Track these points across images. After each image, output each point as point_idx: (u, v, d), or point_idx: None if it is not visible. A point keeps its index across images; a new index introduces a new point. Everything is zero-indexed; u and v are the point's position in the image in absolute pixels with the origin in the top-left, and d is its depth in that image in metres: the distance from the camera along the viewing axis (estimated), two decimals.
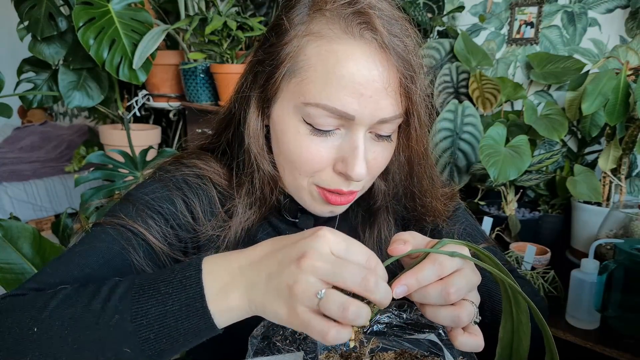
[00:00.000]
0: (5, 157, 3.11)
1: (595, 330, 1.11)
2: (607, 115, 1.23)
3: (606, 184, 1.34)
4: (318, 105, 0.56)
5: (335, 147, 0.59)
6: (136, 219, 0.63)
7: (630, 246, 1.03)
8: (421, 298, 0.48)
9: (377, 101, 0.56)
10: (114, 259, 0.60)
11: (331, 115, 0.56)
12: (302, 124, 0.59)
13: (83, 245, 0.61)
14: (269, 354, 0.56)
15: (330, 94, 0.55)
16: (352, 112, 0.56)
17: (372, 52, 0.55)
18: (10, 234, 1.23)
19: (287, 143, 0.61)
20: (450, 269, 0.48)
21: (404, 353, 0.55)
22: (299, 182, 0.63)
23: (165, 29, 1.70)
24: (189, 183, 0.69)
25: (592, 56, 1.52)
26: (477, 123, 1.53)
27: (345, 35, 0.56)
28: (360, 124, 0.57)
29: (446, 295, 0.47)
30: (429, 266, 0.47)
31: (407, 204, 0.74)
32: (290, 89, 0.59)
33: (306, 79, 0.57)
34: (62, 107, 4.00)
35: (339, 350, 0.56)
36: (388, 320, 0.59)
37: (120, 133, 1.93)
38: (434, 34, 1.79)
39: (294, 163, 0.61)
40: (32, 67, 1.79)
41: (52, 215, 3.08)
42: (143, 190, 0.67)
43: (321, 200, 0.63)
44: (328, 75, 0.56)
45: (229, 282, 0.48)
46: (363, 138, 0.58)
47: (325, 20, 0.57)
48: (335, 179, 0.61)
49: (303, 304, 0.43)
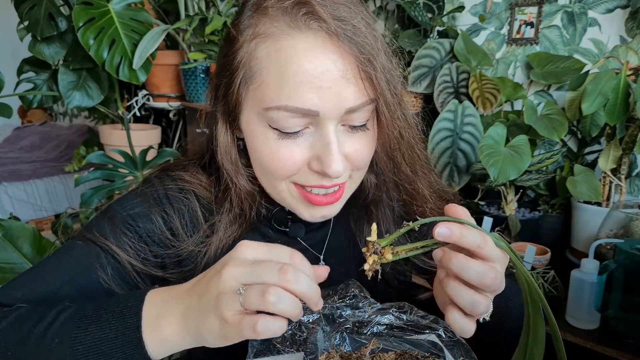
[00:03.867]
0: (5, 157, 3.10)
1: (595, 330, 1.11)
2: (607, 115, 1.23)
3: (606, 184, 1.34)
4: (279, 108, 0.54)
5: (308, 147, 0.57)
6: (109, 235, 0.63)
7: (630, 246, 1.03)
8: (457, 267, 0.46)
9: (339, 91, 0.53)
10: (80, 276, 0.60)
11: (295, 115, 0.54)
12: (268, 129, 0.57)
13: (53, 259, 0.62)
14: (269, 355, 0.56)
15: (288, 93, 0.53)
16: (314, 107, 0.53)
17: (321, 42, 0.53)
18: (10, 234, 1.23)
19: (258, 151, 0.59)
20: (491, 253, 0.47)
21: (405, 354, 0.55)
22: (277, 187, 0.61)
23: (165, 29, 1.70)
24: (170, 198, 0.67)
25: (592, 56, 1.52)
26: (477, 123, 1.53)
27: (291, 30, 0.53)
28: (328, 118, 0.54)
29: (485, 278, 0.45)
30: (474, 230, 0.47)
31: (395, 194, 0.71)
32: (250, 97, 0.57)
33: (262, 83, 0.55)
34: (62, 107, 4.00)
35: (339, 352, 0.56)
36: (388, 321, 0.59)
37: (120, 133, 1.93)
38: (434, 34, 1.79)
39: (268, 169, 0.59)
40: (32, 67, 1.79)
41: (52, 215, 3.07)
42: (122, 205, 0.67)
43: (303, 202, 0.61)
44: (282, 75, 0.53)
45: (165, 310, 0.49)
46: (334, 132, 0.55)
47: (269, 19, 0.55)
48: (314, 177, 0.58)
49: (229, 308, 0.44)
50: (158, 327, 0.48)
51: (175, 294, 0.50)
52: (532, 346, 0.48)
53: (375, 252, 0.49)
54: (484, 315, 0.48)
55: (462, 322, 0.48)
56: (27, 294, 0.58)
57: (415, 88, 1.71)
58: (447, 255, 0.47)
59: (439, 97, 1.66)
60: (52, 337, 0.50)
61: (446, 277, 0.48)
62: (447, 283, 0.48)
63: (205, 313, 0.46)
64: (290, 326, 0.58)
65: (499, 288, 0.48)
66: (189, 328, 0.48)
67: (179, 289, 0.50)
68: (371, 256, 0.49)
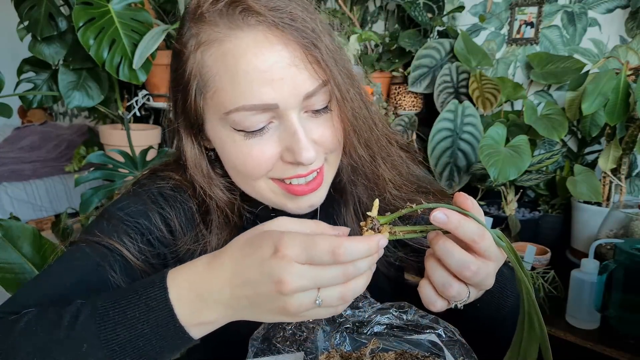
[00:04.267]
0: (5, 157, 3.10)
1: (595, 330, 1.11)
2: (607, 115, 1.23)
3: (606, 184, 1.34)
4: (238, 109, 0.54)
5: (276, 141, 0.57)
6: (111, 235, 0.62)
7: (630, 246, 1.03)
8: (442, 249, 0.48)
9: (292, 80, 0.54)
10: (89, 276, 0.59)
11: (255, 113, 0.55)
12: (234, 132, 0.57)
13: (58, 265, 0.61)
14: (269, 355, 0.56)
15: (244, 93, 0.54)
16: (272, 100, 0.54)
17: (263, 36, 0.53)
18: (10, 234, 1.23)
19: (230, 156, 0.59)
20: (486, 249, 0.47)
21: (405, 353, 0.55)
22: (257, 187, 0.61)
23: (165, 29, 1.69)
24: (165, 195, 0.67)
25: (592, 56, 1.52)
26: (477, 123, 1.53)
27: (232, 31, 0.54)
28: (288, 109, 0.55)
29: (464, 269, 0.47)
30: (474, 223, 0.47)
31: (353, 177, 0.68)
32: (208, 105, 0.58)
33: (217, 89, 0.55)
34: (62, 107, 4.00)
35: (339, 351, 0.56)
36: (389, 321, 0.59)
37: (120, 133, 1.93)
38: (434, 34, 1.79)
39: (244, 172, 0.59)
40: (32, 67, 1.79)
41: (52, 215, 3.07)
42: (118, 205, 0.66)
43: (287, 195, 0.61)
44: (233, 77, 0.54)
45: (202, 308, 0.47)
46: (298, 120, 0.56)
47: (208, 25, 0.55)
48: (289, 169, 0.58)
49: (303, 313, 0.44)
50: (197, 316, 0.47)
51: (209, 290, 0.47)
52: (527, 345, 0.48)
53: (373, 229, 0.49)
54: (457, 302, 0.50)
55: (430, 295, 0.50)
56: (38, 299, 0.56)
57: (415, 88, 1.71)
58: (437, 237, 0.48)
59: (439, 97, 1.66)
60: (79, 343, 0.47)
61: (430, 254, 0.50)
62: (427, 259, 0.50)
63: (268, 315, 0.46)
64: (291, 326, 0.58)
65: (482, 284, 0.49)
66: (238, 316, 0.48)
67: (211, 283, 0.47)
68: (368, 231, 0.48)
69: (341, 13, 1.89)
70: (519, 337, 0.49)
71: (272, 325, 0.59)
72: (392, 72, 1.78)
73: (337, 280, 0.43)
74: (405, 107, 1.76)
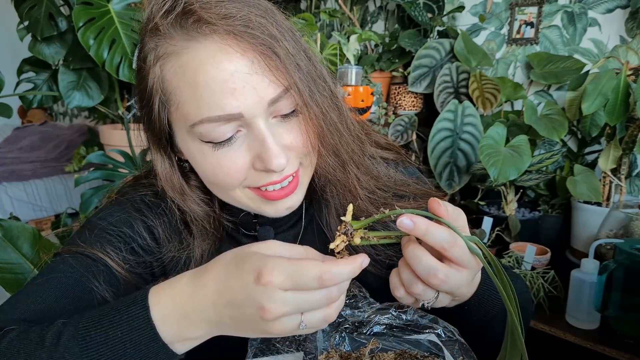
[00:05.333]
0: (5, 157, 3.10)
1: (595, 330, 1.11)
2: (607, 115, 1.23)
3: (606, 184, 1.34)
4: (202, 122, 0.53)
5: (246, 150, 0.56)
6: (95, 245, 0.62)
7: (630, 246, 1.03)
8: (409, 255, 0.48)
9: (253, 88, 0.52)
10: (73, 287, 0.59)
11: (220, 124, 0.53)
12: (202, 144, 0.55)
13: (42, 277, 0.60)
14: (269, 355, 0.56)
15: (206, 105, 0.52)
16: (236, 110, 0.52)
17: (219, 45, 0.52)
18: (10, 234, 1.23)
19: (201, 167, 0.58)
20: (457, 257, 0.47)
21: (404, 353, 0.55)
22: (233, 196, 0.60)
23: None
24: (148, 203, 0.67)
25: (592, 56, 1.52)
26: (477, 123, 1.53)
27: (187, 42, 0.52)
28: (254, 116, 0.53)
29: (431, 276, 0.48)
30: (445, 230, 0.47)
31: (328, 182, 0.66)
32: (174, 118, 0.57)
33: (179, 102, 0.54)
34: (62, 107, 4.00)
35: (339, 351, 0.56)
36: (388, 321, 0.59)
37: (120, 133, 1.93)
38: (434, 34, 1.79)
39: (217, 183, 0.58)
40: (32, 67, 1.79)
41: (52, 215, 3.07)
42: (100, 215, 0.66)
43: (262, 201, 0.60)
44: (194, 89, 0.52)
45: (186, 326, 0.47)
46: (266, 127, 0.54)
47: (164, 38, 0.54)
48: (263, 176, 0.57)
49: (285, 332, 0.45)
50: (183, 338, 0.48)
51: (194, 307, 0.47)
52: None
53: (345, 233, 0.49)
54: (424, 302, 0.50)
55: (395, 283, 0.51)
56: (23, 313, 0.56)
57: (415, 88, 1.71)
58: (408, 242, 0.49)
59: (439, 97, 1.66)
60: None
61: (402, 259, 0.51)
62: (400, 261, 0.51)
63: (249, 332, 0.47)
64: None
65: (455, 292, 0.50)
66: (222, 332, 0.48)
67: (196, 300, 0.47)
68: (340, 236, 0.49)
69: (341, 13, 1.89)
70: (505, 348, 0.49)
71: None
72: (392, 72, 1.78)
73: (321, 304, 0.45)
74: (405, 107, 1.76)
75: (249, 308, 0.44)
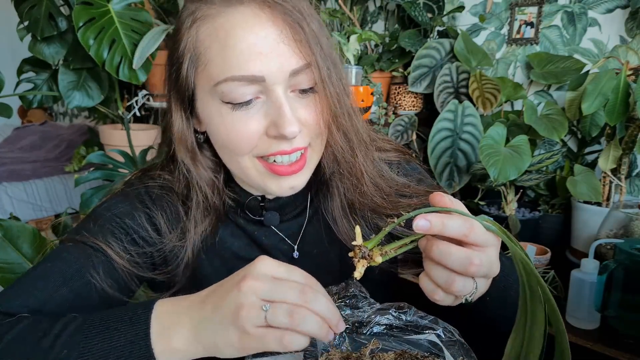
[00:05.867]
0: (5, 157, 3.10)
1: (595, 330, 1.11)
2: (607, 115, 1.23)
3: (606, 184, 1.34)
4: (227, 80, 0.57)
5: (262, 116, 0.59)
6: (97, 235, 0.64)
7: (630, 246, 1.03)
8: (438, 254, 0.46)
9: (278, 56, 0.56)
10: (72, 278, 0.61)
11: (242, 84, 0.57)
12: (222, 105, 0.59)
13: (45, 263, 0.62)
14: (269, 355, 0.56)
15: (233, 65, 0.56)
16: (259, 73, 0.56)
17: (254, 12, 0.56)
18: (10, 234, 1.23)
19: (217, 129, 0.61)
20: (478, 239, 0.46)
21: (404, 354, 0.55)
22: (242, 165, 0.62)
23: (165, 29, 1.69)
24: (152, 195, 0.69)
25: (592, 56, 1.52)
26: (477, 123, 1.53)
27: (225, 7, 0.57)
28: (275, 83, 0.57)
29: (468, 265, 0.45)
30: (458, 218, 0.46)
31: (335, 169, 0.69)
32: (200, 79, 0.60)
33: (208, 62, 0.58)
34: (62, 107, 4.00)
35: (339, 352, 0.56)
36: (388, 321, 0.59)
37: (120, 133, 1.93)
38: (434, 34, 1.79)
39: (230, 146, 0.61)
40: (32, 67, 1.79)
41: (52, 215, 3.07)
42: (105, 205, 0.68)
43: (270, 175, 0.62)
44: (224, 50, 0.56)
45: (175, 322, 0.49)
46: (284, 96, 0.58)
47: (204, 3, 0.59)
48: (273, 144, 0.60)
49: (251, 322, 0.45)
50: (168, 338, 0.49)
51: (187, 305, 0.50)
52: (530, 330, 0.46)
53: (364, 257, 0.48)
54: (466, 295, 0.48)
55: (430, 287, 0.48)
56: (24, 300, 0.58)
57: (415, 88, 1.71)
58: (429, 243, 0.47)
59: (439, 97, 1.66)
60: (61, 348, 0.50)
61: (426, 257, 0.48)
62: (424, 260, 0.48)
63: (224, 326, 0.47)
64: None
65: (488, 273, 0.48)
66: (202, 340, 0.48)
67: (190, 299, 0.51)
68: (360, 261, 0.48)
69: (341, 13, 1.89)
70: (523, 309, 0.47)
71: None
72: (392, 72, 1.78)
73: (293, 293, 0.45)
74: (405, 107, 1.76)
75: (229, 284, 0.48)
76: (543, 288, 0.44)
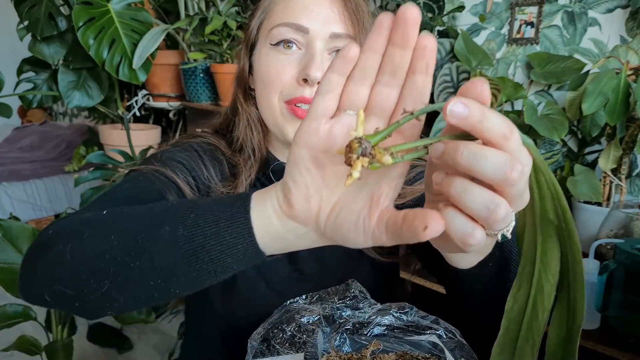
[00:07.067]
0: (5, 157, 3.10)
1: (595, 330, 1.11)
2: (607, 115, 1.23)
3: (606, 183, 1.34)
4: (279, 25, 0.68)
5: (296, 63, 0.68)
6: (167, 167, 0.70)
7: (631, 246, 1.03)
8: (470, 156, 0.32)
9: (326, 17, 0.67)
10: (153, 194, 0.65)
11: (290, 30, 0.68)
12: (270, 48, 0.70)
13: (125, 184, 0.67)
14: (268, 356, 0.56)
15: (287, 14, 0.68)
16: (306, 24, 0.67)
17: None
18: (10, 234, 1.23)
19: (260, 68, 0.71)
20: (517, 150, 0.33)
21: (405, 355, 0.55)
22: (272, 104, 0.70)
23: (165, 29, 1.69)
24: (203, 149, 0.78)
25: (593, 56, 1.52)
26: None
27: None
28: (315, 38, 0.67)
29: (510, 170, 0.31)
30: (502, 116, 0.33)
31: None
32: (262, 29, 0.72)
33: (272, 14, 0.71)
34: (62, 107, 3.99)
35: (340, 353, 0.56)
36: (389, 322, 0.59)
37: (120, 133, 1.93)
38: (434, 33, 1.79)
39: (266, 82, 0.70)
40: (32, 67, 1.79)
41: (52, 215, 3.07)
42: (164, 151, 0.75)
43: (291, 118, 0.69)
44: (287, 4, 0.69)
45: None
46: (320, 50, 0.67)
47: None
48: (298, 88, 0.68)
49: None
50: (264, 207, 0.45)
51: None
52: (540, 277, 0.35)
53: (364, 154, 0.32)
54: (504, 230, 0.35)
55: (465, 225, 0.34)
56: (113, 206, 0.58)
57: None
58: (453, 145, 0.32)
59: (439, 97, 1.66)
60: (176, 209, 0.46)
61: (448, 177, 0.34)
62: (449, 183, 0.34)
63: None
64: (290, 327, 0.58)
65: (523, 196, 0.35)
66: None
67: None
68: (358, 159, 0.32)
69: None
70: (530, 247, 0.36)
71: (271, 326, 0.59)
72: None
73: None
74: None
75: None
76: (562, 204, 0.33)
